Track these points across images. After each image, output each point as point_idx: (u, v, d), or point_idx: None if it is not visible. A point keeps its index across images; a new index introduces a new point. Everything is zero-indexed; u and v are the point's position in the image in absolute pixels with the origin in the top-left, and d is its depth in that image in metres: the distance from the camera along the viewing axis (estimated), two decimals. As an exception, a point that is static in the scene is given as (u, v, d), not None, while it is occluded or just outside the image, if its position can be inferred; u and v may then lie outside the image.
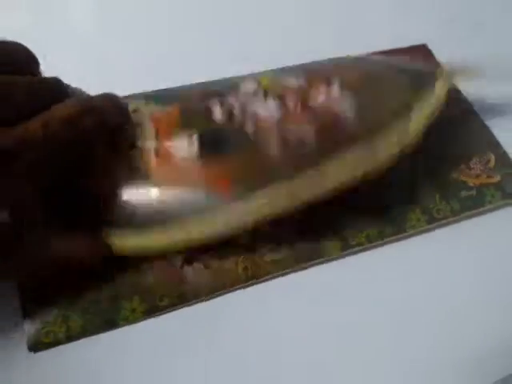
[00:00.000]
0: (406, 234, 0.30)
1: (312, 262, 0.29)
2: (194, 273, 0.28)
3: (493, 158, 0.33)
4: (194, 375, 0.25)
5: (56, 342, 0.25)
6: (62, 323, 0.26)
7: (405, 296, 0.29)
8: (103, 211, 0.26)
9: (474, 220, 0.32)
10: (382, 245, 0.30)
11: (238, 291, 0.28)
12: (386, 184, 0.31)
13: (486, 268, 0.30)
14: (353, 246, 0.29)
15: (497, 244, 0.31)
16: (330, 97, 0.29)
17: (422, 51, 0.38)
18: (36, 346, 0.25)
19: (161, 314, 0.27)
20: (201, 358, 0.26)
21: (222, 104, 0.28)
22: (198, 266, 0.28)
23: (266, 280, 0.28)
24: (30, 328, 0.25)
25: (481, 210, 0.31)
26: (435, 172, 0.32)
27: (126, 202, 0.26)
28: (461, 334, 0.28)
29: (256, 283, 0.28)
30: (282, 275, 0.29)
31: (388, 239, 0.30)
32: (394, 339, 0.27)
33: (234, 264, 0.28)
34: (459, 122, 0.35)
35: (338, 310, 0.28)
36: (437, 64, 0.37)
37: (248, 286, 0.28)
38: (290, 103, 0.28)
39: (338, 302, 0.28)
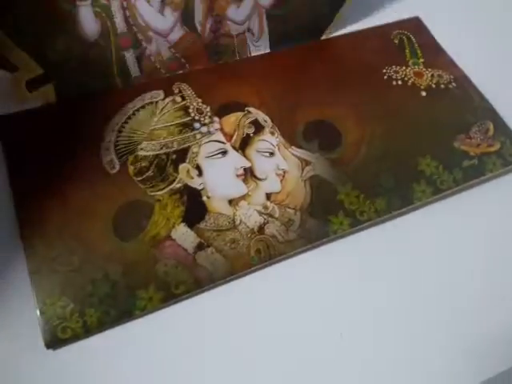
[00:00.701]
0: (413, 205, 0.30)
1: (323, 241, 0.28)
2: (207, 258, 0.27)
3: (491, 126, 0.33)
4: (214, 360, 0.25)
5: (74, 338, 0.24)
6: (78, 318, 0.25)
7: (416, 268, 0.29)
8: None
9: (477, 188, 0.32)
10: (390, 218, 0.30)
11: (252, 274, 0.28)
12: (389, 159, 0.31)
13: (491, 235, 0.30)
14: (362, 222, 0.29)
15: (499, 211, 0.31)
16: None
17: (413, 23, 0.38)
18: (53, 343, 0.24)
19: (177, 302, 0.26)
20: (221, 342, 0.26)
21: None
22: (210, 250, 0.27)
23: (279, 261, 0.28)
24: (44, 325, 0.24)
25: (482, 178, 0.31)
26: (437, 142, 0.32)
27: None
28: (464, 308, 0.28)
29: (269, 265, 0.28)
30: (294, 255, 0.28)
31: (396, 212, 0.30)
32: (404, 313, 0.28)
33: (246, 247, 0.28)
34: (456, 91, 0.35)
35: (351, 287, 0.28)
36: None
37: (261, 268, 0.28)
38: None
39: (352, 278, 0.28)
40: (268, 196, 0.29)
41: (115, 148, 0.30)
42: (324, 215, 0.29)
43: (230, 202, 0.29)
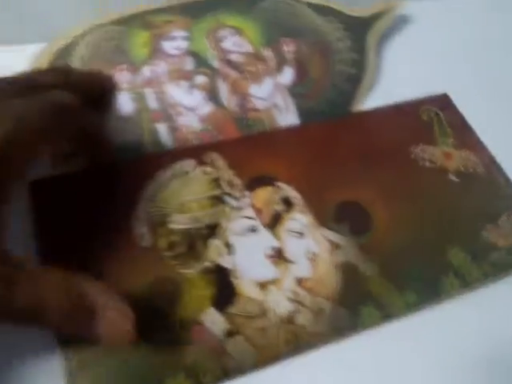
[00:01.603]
0: (441, 299, 0.29)
1: (353, 332, 0.28)
2: (236, 346, 0.26)
3: (521, 216, 0.33)
4: None
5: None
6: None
7: (447, 363, 0.28)
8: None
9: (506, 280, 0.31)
10: (419, 311, 0.29)
11: (280, 363, 0.27)
12: (418, 247, 0.31)
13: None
14: (392, 315, 0.28)
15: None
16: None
17: (442, 99, 0.38)
18: None
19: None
20: None
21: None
22: (239, 338, 0.26)
23: (308, 351, 0.27)
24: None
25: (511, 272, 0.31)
26: (465, 231, 0.32)
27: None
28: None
29: (298, 354, 0.27)
30: (323, 345, 0.27)
31: (425, 305, 0.29)
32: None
33: (275, 337, 0.27)
34: (484, 176, 0.34)
35: (380, 378, 0.27)
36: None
37: (290, 357, 0.27)
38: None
39: (380, 371, 0.27)
40: (298, 281, 0.28)
41: (146, 219, 0.28)
42: (354, 305, 0.28)
43: (260, 285, 0.28)
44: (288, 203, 0.31)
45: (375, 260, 0.30)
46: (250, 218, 0.30)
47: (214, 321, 0.26)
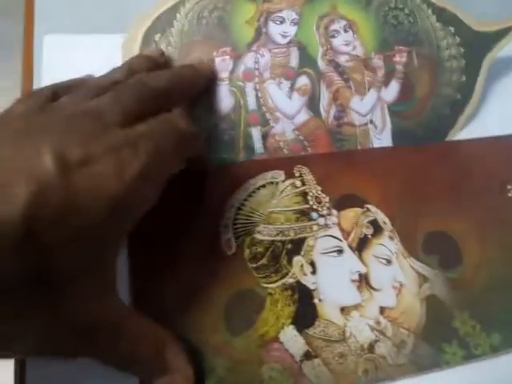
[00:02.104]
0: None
1: (434, 369, 0.26)
2: (313, 369, 0.25)
3: None
4: None
5: None
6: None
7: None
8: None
9: None
10: (505, 353, 0.27)
11: (355, 393, 0.25)
12: (508, 289, 0.29)
13: None
14: (476, 356, 0.27)
15: None
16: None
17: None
18: None
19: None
20: None
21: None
22: (317, 361, 0.25)
23: (386, 383, 0.26)
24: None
25: None
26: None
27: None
28: None
29: (375, 385, 0.25)
30: (402, 378, 0.26)
31: (510, 349, 0.27)
32: None
33: (353, 364, 0.25)
34: None
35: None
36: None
37: (366, 388, 0.25)
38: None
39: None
40: (382, 310, 0.27)
41: (233, 227, 0.28)
42: (438, 342, 0.27)
43: (342, 309, 0.27)
44: (377, 227, 0.29)
45: (463, 297, 0.28)
46: (336, 238, 0.29)
47: (293, 340, 0.25)
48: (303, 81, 0.32)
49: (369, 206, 0.30)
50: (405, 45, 0.34)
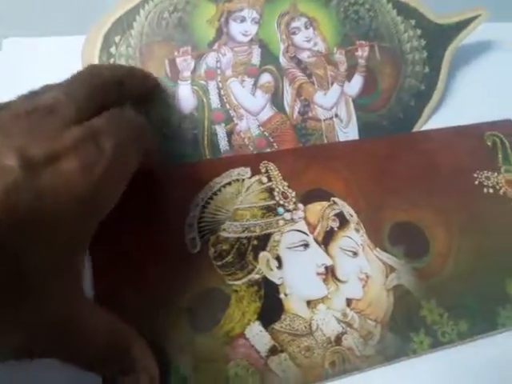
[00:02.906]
0: (496, 331, 0.27)
1: (401, 358, 0.25)
2: (280, 364, 0.24)
3: None
4: None
5: None
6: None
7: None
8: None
9: None
10: (472, 341, 0.27)
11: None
12: (476, 277, 0.28)
13: None
14: (443, 343, 0.26)
15: None
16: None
17: (506, 125, 0.35)
18: None
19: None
20: None
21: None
22: (283, 356, 0.24)
23: (354, 374, 0.25)
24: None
25: None
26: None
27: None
28: None
29: (343, 377, 0.25)
30: (370, 369, 0.25)
31: (479, 336, 0.26)
32: None
33: (320, 357, 0.25)
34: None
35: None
36: None
37: (335, 379, 0.25)
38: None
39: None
40: (348, 302, 0.26)
41: (198, 225, 0.27)
42: (405, 331, 0.26)
43: (308, 303, 0.26)
44: (343, 220, 0.29)
45: (431, 286, 0.27)
46: (302, 232, 0.28)
47: (258, 336, 0.25)
48: (266, 78, 0.31)
49: (335, 199, 0.29)
50: (366, 39, 0.33)
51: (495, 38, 0.39)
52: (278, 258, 0.27)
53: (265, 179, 0.29)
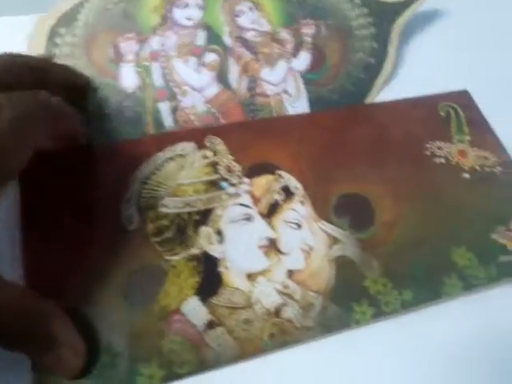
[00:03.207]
0: (441, 299, 0.26)
1: (343, 329, 0.25)
2: (216, 338, 0.24)
3: (534, 219, 0.29)
4: None
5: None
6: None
7: (438, 363, 0.25)
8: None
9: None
10: (415, 310, 0.26)
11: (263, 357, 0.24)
12: (422, 246, 0.27)
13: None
14: (386, 313, 0.25)
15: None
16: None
17: (462, 96, 0.34)
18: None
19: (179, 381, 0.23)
20: None
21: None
22: (220, 330, 0.24)
23: (294, 346, 0.24)
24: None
25: (517, 277, 0.27)
26: (474, 231, 0.28)
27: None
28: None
29: (283, 349, 0.24)
30: (311, 341, 0.25)
31: (423, 305, 0.26)
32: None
33: (259, 330, 0.24)
34: (501, 177, 0.31)
35: (368, 378, 0.24)
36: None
37: (275, 352, 0.24)
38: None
39: (370, 369, 0.24)
40: (290, 273, 0.26)
41: (137, 201, 0.26)
42: (347, 302, 0.25)
43: (249, 276, 0.25)
44: (288, 193, 0.28)
45: (374, 256, 0.27)
46: (245, 205, 0.27)
47: (195, 311, 0.24)
48: (211, 57, 0.32)
49: (281, 173, 0.29)
50: (312, 18, 0.33)
51: (441, 9, 0.38)
52: (220, 232, 0.26)
53: (209, 153, 0.29)
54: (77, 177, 0.26)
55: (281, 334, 0.24)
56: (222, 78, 0.31)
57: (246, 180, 0.28)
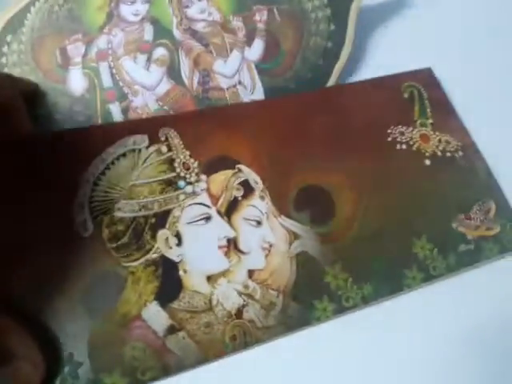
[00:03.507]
0: (401, 292, 0.26)
1: (304, 327, 0.25)
2: (178, 343, 0.24)
3: (494, 207, 0.29)
4: None
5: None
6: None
7: (401, 356, 0.25)
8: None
9: (470, 273, 0.28)
10: (377, 304, 0.26)
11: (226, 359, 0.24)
12: (382, 238, 0.27)
13: (481, 323, 0.27)
14: (347, 308, 0.26)
15: (492, 298, 0.28)
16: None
17: (426, 75, 0.33)
18: None
19: (142, 388, 0.23)
20: None
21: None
22: (181, 334, 0.24)
23: (256, 346, 0.25)
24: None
25: (476, 265, 0.28)
26: (434, 221, 0.28)
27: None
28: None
29: (245, 350, 0.24)
30: (273, 340, 0.25)
31: (383, 298, 0.26)
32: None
33: (220, 332, 0.24)
34: (461, 161, 0.30)
35: (331, 375, 0.25)
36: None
37: (237, 353, 0.24)
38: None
39: (332, 365, 0.25)
40: (250, 273, 0.25)
41: (89, 205, 0.25)
42: (308, 299, 0.25)
43: (209, 278, 0.25)
44: (248, 188, 0.27)
45: (335, 251, 0.27)
46: (204, 205, 0.26)
47: (155, 316, 0.24)
48: (160, 52, 0.30)
49: (240, 167, 0.28)
50: (264, 3, 0.32)
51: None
52: (178, 235, 0.26)
53: (164, 149, 0.27)
54: (26, 177, 0.25)
55: (242, 335, 0.24)
56: (172, 73, 0.30)
57: (204, 177, 0.27)
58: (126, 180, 0.26)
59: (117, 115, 0.29)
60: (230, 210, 0.27)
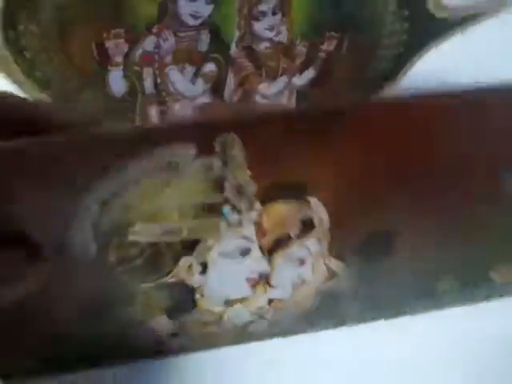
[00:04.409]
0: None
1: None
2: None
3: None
4: None
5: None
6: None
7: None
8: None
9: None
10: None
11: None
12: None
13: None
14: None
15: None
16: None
17: None
18: None
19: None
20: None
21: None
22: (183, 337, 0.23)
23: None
24: None
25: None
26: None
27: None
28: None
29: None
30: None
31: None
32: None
33: (222, 339, 0.24)
34: None
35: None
36: None
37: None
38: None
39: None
40: (270, 301, 0.23)
41: (94, 225, 0.18)
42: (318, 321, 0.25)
43: (226, 302, 0.22)
44: (308, 225, 0.20)
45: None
46: (246, 238, 0.20)
47: (162, 325, 0.22)
48: (210, 67, 0.27)
49: (310, 199, 0.19)
50: (338, 30, 0.26)
51: None
52: (204, 264, 0.20)
53: (217, 163, 0.17)
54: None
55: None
56: (216, 90, 0.27)
57: (258, 206, 0.19)
58: (149, 201, 0.18)
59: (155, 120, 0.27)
60: (275, 248, 0.21)
